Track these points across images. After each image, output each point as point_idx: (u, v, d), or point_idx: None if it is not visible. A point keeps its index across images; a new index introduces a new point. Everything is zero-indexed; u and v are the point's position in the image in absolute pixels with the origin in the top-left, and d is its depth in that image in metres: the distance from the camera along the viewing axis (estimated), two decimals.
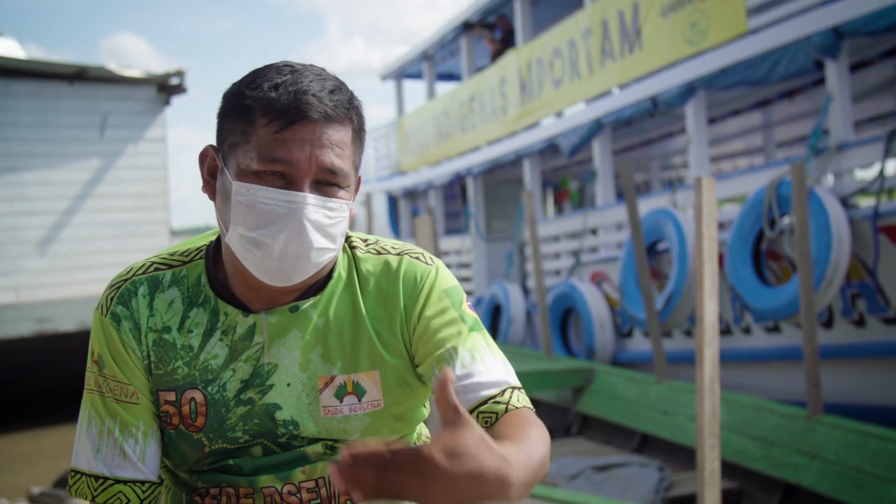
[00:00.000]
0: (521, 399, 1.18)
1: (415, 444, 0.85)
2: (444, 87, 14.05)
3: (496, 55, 10.97)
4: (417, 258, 1.27)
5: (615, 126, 8.73)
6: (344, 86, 1.18)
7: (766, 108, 9.31)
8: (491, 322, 9.92)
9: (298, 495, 1.21)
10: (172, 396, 1.21)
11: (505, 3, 10.58)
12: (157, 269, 1.26)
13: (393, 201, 14.46)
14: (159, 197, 10.45)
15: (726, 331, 6.78)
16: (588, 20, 8.59)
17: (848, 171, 5.88)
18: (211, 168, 1.22)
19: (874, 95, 8.65)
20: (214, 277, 1.25)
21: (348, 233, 1.29)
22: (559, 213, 14.30)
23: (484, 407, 1.16)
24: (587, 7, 8.64)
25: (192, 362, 1.21)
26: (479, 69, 11.74)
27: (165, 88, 10.41)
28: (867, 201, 5.79)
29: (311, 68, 1.17)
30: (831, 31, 5.71)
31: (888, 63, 6.97)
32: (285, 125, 1.12)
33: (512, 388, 1.18)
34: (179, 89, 10.48)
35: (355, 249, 1.28)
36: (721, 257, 6.29)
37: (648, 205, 7.64)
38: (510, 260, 10.15)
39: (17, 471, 7.66)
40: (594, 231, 8.77)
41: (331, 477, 0.85)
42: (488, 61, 11.31)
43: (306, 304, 1.22)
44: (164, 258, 1.28)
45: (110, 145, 10.08)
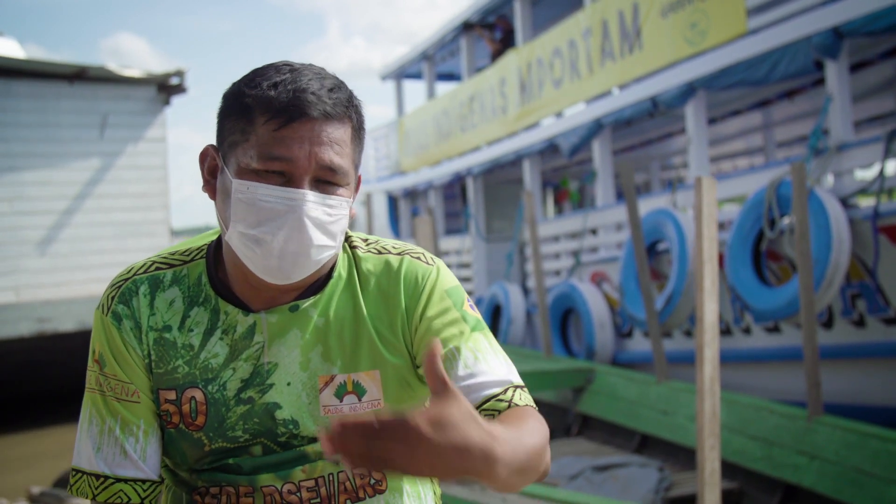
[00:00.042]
0: (524, 398, 1.18)
1: (403, 415, 0.86)
2: (444, 87, 14.05)
3: (496, 55, 10.96)
4: (418, 258, 1.28)
5: (615, 126, 8.73)
6: (343, 84, 1.19)
7: (766, 109, 9.31)
8: (491, 322, 9.91)
9: (298, 494, 1.21)
10: (173, 395, 1.21)
11: (505, 4, 10.58)
12: (158, 269, 1.27)
13: (393, 201, 14.45)
14: (159, 197, 10.45)
15: (726, 331, 6.78)
16: (588, 20, 8.59)
17: (848, 172, 5.88)
18: (211, 167, 1.23)
19: (874, 95, 8.65)
20: (215, 276, 1.25)
21: (348, 232, 1.30)
22: (559, 214, 14.30)
23: (486, 405, 1.16)
24: (587, 7, 8.63)
25: (193, 361, 1.21)
26: (479, 69, 11.74)
27: (165, 88, 10.42)
28: (867, 201, 5.79)
29: (311, 67, 1.18)
30: (831, 32, 5.71)
31: (888, 63, 6.97)
32: (284, 123, 1.12)
33: (514, 387, 1.19)
34: (179, 89, 10.49)
35: (356, 249, 1.28)
36: (721, 257, 6.29)
37: (648, 205, 7.64)
38: (510, 260, 10.15)
39: (17, 471, 7.65)
40: (594, 231, 8.76)
41: (320, 442, 0.85)
42: (488, 61, 11.30)
43: (306, 304, 1.23)
44: (165, 258, 1.29)
45: (110, 145, 10.09)
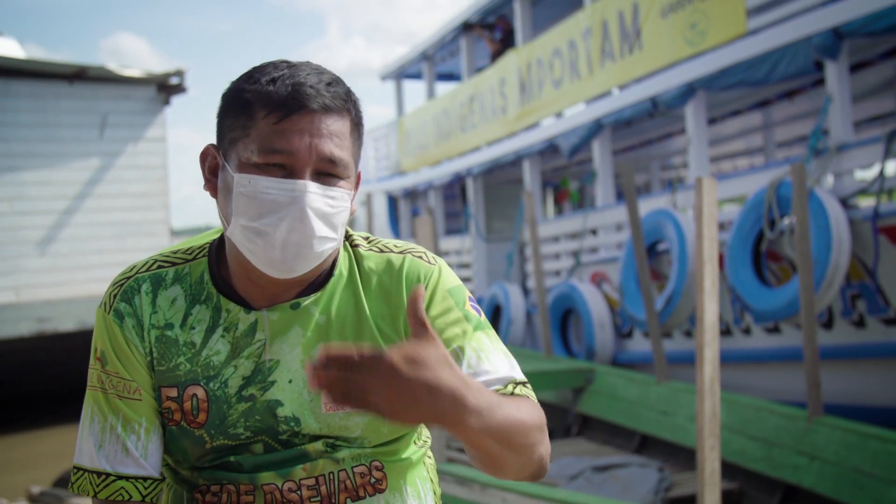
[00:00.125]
0: (525, 392, 1.20)
1: (380, 350, 0.93)
2: (444, 88, 14.05)
3: (496, 55, 10.96)
4: (420, 257, 1.28)
5: (615, 126, 8.73)
6: (341, 80, 1.20)
7: (766, 109, 9.30)
8: (491, 323, 9.90)
9: (298, 493, 1.21)
10: (174, 393, 1.21)
11: (505, 4, 10.58)
12: (160, 267, 1.27)
13: (393, 201, 14.44)
14: (159, 196, 10.45)
15: (726, 331, 6.78)
16: (588, 20, 8.59)
17: (848, 172, 5.88)
18: (212, 166, 1.23)
19: (874, 96, 8.65)
20: (217, 274, 1.25)
21: (349, 231, 1.30)
22: (559, 214, 14.30)
23: None
24: (587, 7, 8.63)
25: (195, 359, 1.22)
26: (479, 69, 11.73)
27: (165, 88, 10.42)
28: (867, 202, 5.79)
29: (308, 63, 1.19)
30: (831, 32, 5.70)
31: (888, 63, 6.97)
32: (284, 116, 1.13)
33: (516, 384, 1.20)
34: (179, 89, 10.49)
35: (357, 247, 1.29)
36: (721, 258, 6.29)
37: (648, 205, 7.64)
38: (510, 260, 10.15)
39: (17, 471, 7.65)
40: (594, 231, 8.76)
41: (307, 375, 0.92)
42: (488, 61, 11.30)
43: (307, 301, 1.23)
44: (167, 256, 1.29)
45: (110, 145, 10.09)
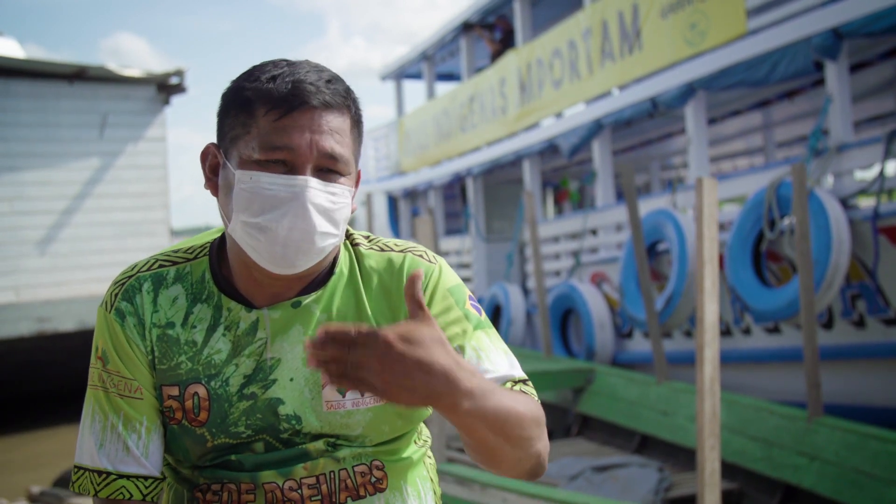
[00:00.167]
0: (526, 390, 1.21)
1: (377, 328, 0.95)
2: (444, 88, 14.05)
3: (496, 55, 10.95)
4: (420, 256, 1.28)
5: (615, 127, 8.73)
6: (340, 78, 1.20)
7: (766, 109, 9.30)
8: (491, 323, 9.90)
9: (299, 491, 1.21)
10: (176, 391, 1.21)
11: (505, 4, 10.58)
12: (161, 266, 1.27)
13: (393, 202, 14.44)
14: (159, 196, 10.45)
15: (726, 332, 6.78)
16: (588, 21, 8.59)
17: (848, 172, 5.88)
18: (213, 165, 1.24)
19: (874, 96, 8.66)
20: (218, 273, 1.25)
21: (350, 230, 1.30)
22: (559, 214, 14.29)
23: None
24: (587, 8, 8.63)
25: (196, 357, 1.22)
26: (479, 69, 11.73)
27: (165, 88, 10.42)
28: (867, 202, 5.79)
29: (308, 62, 1.20)
30: (831, 33, 5.70)
31: (888, 63, 6.97)
32: (285, 112, 1.14)
33: (515, 381, 1.21)
34: (179, 89, 10.48)
35: (357, 246, 1.29)
36: (721, 258, 6.29)
37: (648, 206, 7.64)
38: (510, 260, 10.15)
39: (17, 470, 7.65)
40: (594, 232, 8.76)
41: (305, 352, 0.95)
42: (488, 62, 11.29)
43: (308, 299, 1.23)
44: (168, 255, 1.29)
45: (110, 145, 10.09)
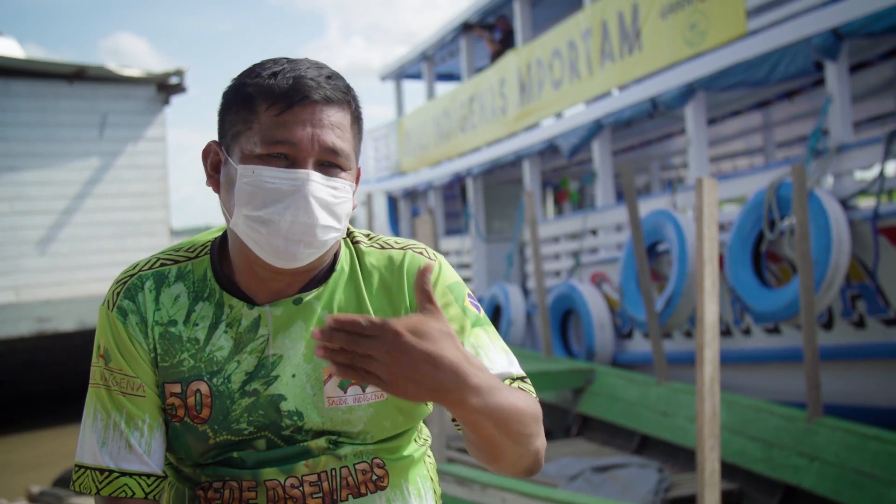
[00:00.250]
0: (524, 388, 1.21)
1: (386, 319, 0.96)
2: (444, 88, 14.05)
3: (496, 56, 10.95)
4: (420, 253, 1.29)
5: (615, 127, 8.73)
6: (340, 74, 1.22)
7: (766, 109, 9.30)
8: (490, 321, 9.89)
9: (301, 489, 1.21)
10: (178, 388, 1.22)
11: (504, 4, 10.58)
12: (163, 265, 1.28)
13: (393, 202, 14.44)
14: (159, 196, 10.45)
15: (726, 332, 6.78)
16: (588, 21, 8.59)
17: (848, 173, 5.88)
18: (214, 162, 1.24)
19: (874, 96, 8.66)
20: (220, 271, 1.26)
21: (351, 228, 1.31)
22: (559, 214, 14.29)
23: None
24: (587, 8, 8.63)
25: (198, 354, 1.22)
26: (479, 70, 11.73)
27: (165, 88, 10.42)
28: (867, 202, 5.79)
29: (308, 59, 1.21)
30: (831, 33, 5.70)
31: (888, 64, 6.97)
32: (286, 107, 1.15)
33: (513, 379, 1.21)
34: (179, 88, 10.48)
35: (358, 244, 1.30)
36: (721, 259, 6.29)
37: (648, 206, 7.64)
38: (510, 261, 10.15)
39: (17, 470, 7.65)
40: (594, 232, 8.76)
41: (312, 341, 0.96)
42: (488, 62, 11.30)
43: (310, 296, 1.24)
44: (170, 254, 1.30)
45: (110, 145, 10.08)
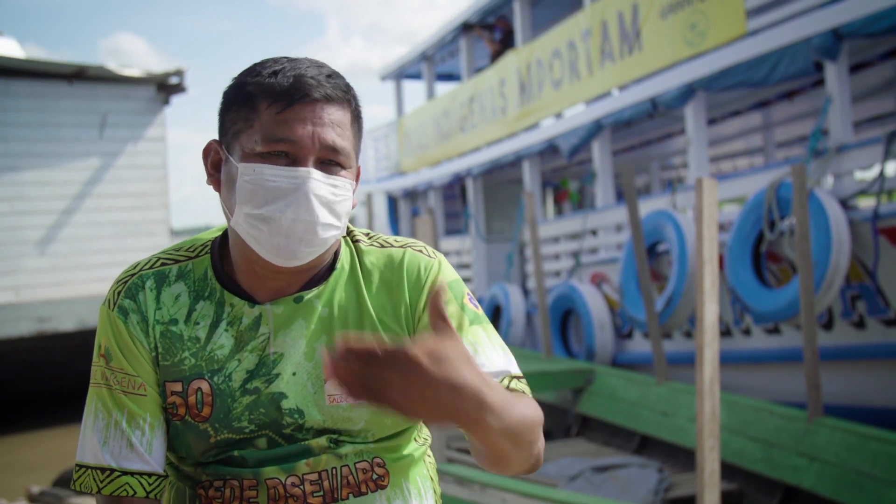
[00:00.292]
0: (520, 387, 1.21)
1: (403, 345, 0.89)
2: (444, 88, 14.05)
3: (495, 56, 10.95)
4: (420, 251, 1.30)
5: (615, 127, 8.73)
6: (340, 74, 1.22)
7: (766, 109, 9.30)
8: (491, 323, 9.89)
9: (301, 487, 1.21)
10: (179, 387, 1.22)
11: (504, 4, 10.58)
12: (164, 264, 1.28)
13: (393, 202, 14.44)
14: (159, 196, 10.45)
15: (726, 332, 6.78)
16: (587, 21, 8.59)
17: (848, 173, 5.88)
18: (215, 162, 1.25)
19: (874, 96, 8.66)
20: (221, 270, 1.26)
21: (350, 227, 1.32)
22: (559, 214, 14.30)
23: None
24: (586, 8, 8.63)
25: (199, 353, 1.22)
26: (479, 70, 11.73)
27: (165, 88, 10.42)
28: (867, 202, 5.79)
29: (308, 58, 1.22)
30: (831, 33, 5.70)
31: (888, 64, 6.97)
32: (287, 105, 1.15)
33: (511, 377, 1.22)
34: (179, 88, 10.48)
35: (358, 243, 1.30)
36: (721, 259, 6.29)
37: (648, 206, 7.64)
38: (510, 261, 10.15)
39: (17, 470, 7.65)
40: (594, 232, 8.76)
41: (323, 363, 0.90)
42: (488, 62, 11.30)
43: (310, 295, 1.24)
44: (170, 254, 1.30)
45: (110, 145, 10.08)
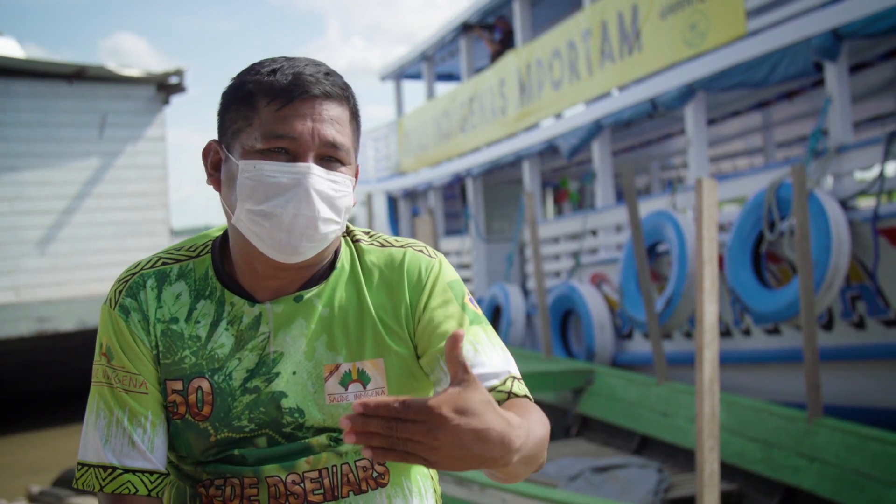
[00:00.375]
0: (522, 388, 1.22)
1: (425, 399, 0.86)
2: (444, 88, 14.05)
3: (495, 56, 10.96)
4: (421, 251, 1.30)
5: (615, 127, 8.73)
6: (337, 72, 1.23)
7: (766, 109, 9.30)
8: (491, 323, 9.88)
9: (302, 485, 1.22)
10: (179, 385, 1.23)
11: (504, 4, 10.58)
12: (165, 264, 1.28)
13: (393, 202, 14.44)
14: (159, 196, 10.45)
15: (726, 333, 6.78)
16: (587, 21, 8.60)
17: (847, 173, 5.88)
18: (214, 161, 1.25)
19: (874, 96, 8.66)
20: (221, 269, 1.27)
21: (350, 226, 1.32)
22: (559, 214, 14.30)
23: None
24: (586, 8, 8.64)
25: (200, 352, 1.23)
26: (479, 70, 11.74)
27: (165, 87, 10.42)
28: (867, 203, 5.79)
29: (306, 57, 1.23)
30: (831, 34, 5.70)
31: (887, 64, 6.97)
32: (286, 102, 1.16)
33: (512, 378, 1.22)
34: (179, 88, 10.48)
35: (358, 242, 1.31)
36: (721, 259, 6.29)
37: (648, 206, 7.64)
38: (510, 261, 10.15)
39: (17, 470, 7.65)
40: (594, 232, 8.76)
41: (342, 428, 0.86)
42: (488, 62, 11.30)
43: (310, 294, 1.24)
44: (171, 253, 1.30)
45: (109, 145, 10.08)
